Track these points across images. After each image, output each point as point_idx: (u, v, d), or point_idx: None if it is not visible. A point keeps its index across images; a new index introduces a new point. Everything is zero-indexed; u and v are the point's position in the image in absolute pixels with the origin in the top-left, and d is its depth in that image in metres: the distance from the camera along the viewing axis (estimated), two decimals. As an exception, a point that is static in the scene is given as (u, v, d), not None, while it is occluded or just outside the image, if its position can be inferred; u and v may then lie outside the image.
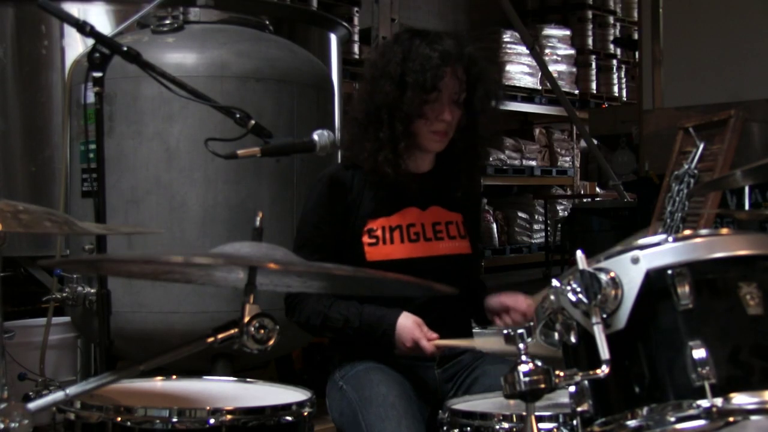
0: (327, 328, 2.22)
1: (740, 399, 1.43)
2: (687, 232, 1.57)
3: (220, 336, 1.43)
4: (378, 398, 2.12)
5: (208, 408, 1.68)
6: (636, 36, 8.07)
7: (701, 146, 4.00)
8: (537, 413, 1.53)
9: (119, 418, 1.66)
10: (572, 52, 11.51)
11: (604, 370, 1.47)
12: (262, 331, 1.42)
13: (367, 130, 2.24)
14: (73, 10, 3.92)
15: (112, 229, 1.89)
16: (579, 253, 1.52)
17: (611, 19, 12.42)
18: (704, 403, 1.43)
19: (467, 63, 2.24)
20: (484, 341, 1.98)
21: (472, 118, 2.29)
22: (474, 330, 2.46)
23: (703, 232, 1.57)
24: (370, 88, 2.25)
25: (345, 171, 2.31)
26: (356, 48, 8.67)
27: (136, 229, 2.42)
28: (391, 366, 2.23)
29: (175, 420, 1.65)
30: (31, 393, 3.19)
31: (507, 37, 10.36)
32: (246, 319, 1.42)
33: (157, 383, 1.99)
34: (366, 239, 2.25)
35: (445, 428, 1.91)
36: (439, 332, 2.17)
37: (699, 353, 1.44)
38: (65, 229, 1.50)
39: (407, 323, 2.15)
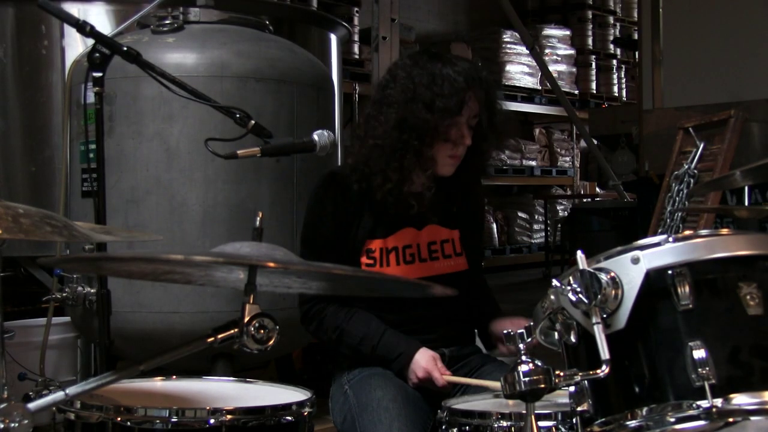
0: (343, 343, 2.24)
1: (740, 399, 1.43)
2: (687, 232, 1.57)
3: (220, 336, 1.43)
4: (373, 403, 2.13)
5: (208, 408, 1.67)
6: (636, 36, 8.07)
7: (701, 146, 4.01)
8: (536, 412, 1.53)
9: (119, 418, 1.65)
10: (572, 52, 11.51)
11: (604, 370, 1.47)
12: (262, 331, 1.42)
13: (393, 157, 2.19)
14: (73, 10, 3.92)
15: (110, 232, 1.89)
16: (579, 253, 1.52)
17: (611, 19, 12.43)
18: (704, 403, 1.43)
19: (486, 87, 2.23)
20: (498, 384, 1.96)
21: (478, 143, 2.27)
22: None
23: (703, 232, 1.57)
24: (400, 111, 2.19)
25: (351, 177, 2.27)
26: (356, 48, 8.67)
27: (134, 236, 2.42)
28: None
29: (175, 420, 1.64)
30: (31, 393, 3.19)
31: (507, 37, 10.37)
32: (246, 319, 1.42)
33: (157, 383, 1.99)
34: (364, 259, 2.26)
35: (443, 427, 1.91)
36: (440, 330, 2.19)
37: (699, 353, 1.44)
38: (65, 233, 1.50)
39: (423, 357, 2.17)
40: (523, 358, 1.52)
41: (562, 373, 1.52)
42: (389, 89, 2.24)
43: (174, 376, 2.03)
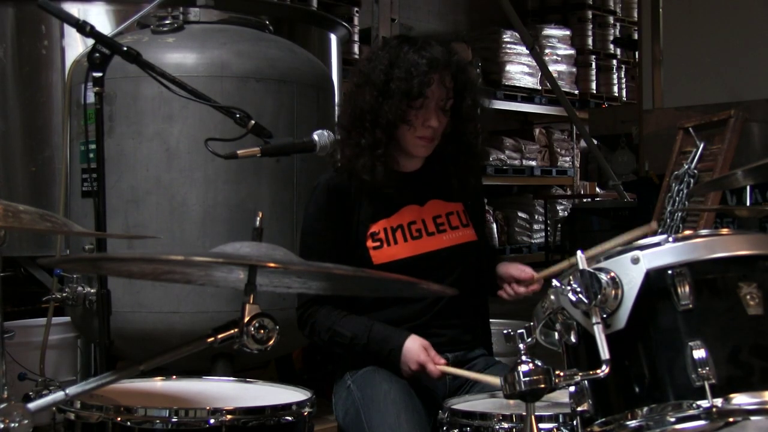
0: (335, 343, 2.23)
1: (740, 399, 1.43)
2: (687, 232, 1.57)
3: (220, 336, 1.43)
4: (379, 395, 2.13)
5: (208, 408, 1.68)
6: (636, 36, 8.07)
7: (701, 146, 4.01)
8: (537, 413, 1.53)
9: (119, 418, 1.65)
10: (572, 52, 11.51)
11: (604, 370, 1.47)
12: (262, 331, 1.42)
13: (350, 135, 2.25)
14: (73, 10, 3.91)
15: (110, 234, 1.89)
16: (579, 253, 1.52)
17: (611, 19, 12.42)
18: (704, 403, 1.43)
19: (455, 70, 2.24)
20: (494, 378, 1.95)
21: (460, 126, 2.30)
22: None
23: (703, 232, 1.57)
24: (353, 94, 2.26)
25: (340, 176, 2.30)
26: (356, 48, 8.67)
27: (132, 242, 2.42)
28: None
29: (175, 420, 1.65)
30: (31, 393, 3.19)
31: (507, 37, 10.36)
32: (246, 319, 1.42)
33: (157, 383, 1.99)
34: (370, 243, 2.25)
35: (444, 428, 1.91)
36: (452, 327, 2.19)
37: (699, 353, 1.44)
38: (65, 231, 1.50)
39: (414, 346, 2.15)
40: (523, 358, 1.52)
41: (562, 373, 1.52)
42: (353, 73, 2.32)
43: (174, 376, 2.03)
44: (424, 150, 2.28)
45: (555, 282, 1.54)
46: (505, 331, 1.58)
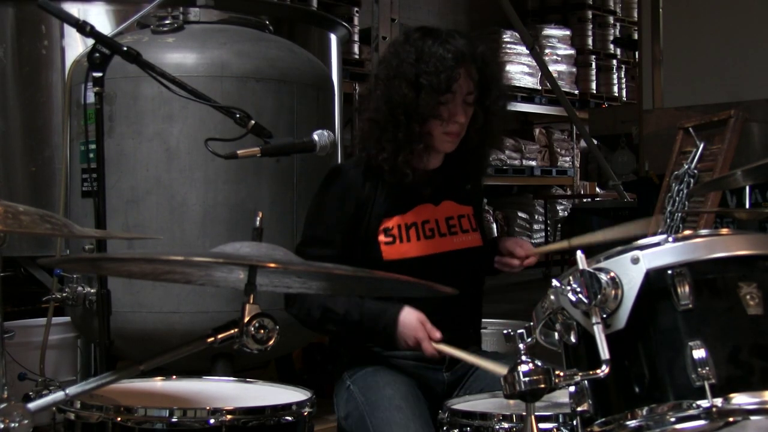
0: (327, 320, 2.20)
1: (740, 399, 1.43)
2: (687, 232, 1.57)
3: (220, 336, 1.43)
4: (384, 401, 2.11)
5: (208, 408, 1.68)
6: (636, 36, 8.07)
7: (701, 146, 4.00)
8: (537, 413, 1.53)
9: (119, 418, 1.65)
10: (572, 52, 11.51)
11: (604, 370, 1.47)
12: (262, 331, 1.42)
13: (386, 130, 2.21)
14: (73, 10, 3.91)
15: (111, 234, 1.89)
16: (579, 253, 1.52)
17: (611, 19, 12.42)
18: (704, 403, 1.43)
19: (480, 63, 2.23)
20: (487, 363, 1.95)
21: (486, 118, 2.28)
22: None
23: (703, 232, 1.57)
24: (385, 88, 2.22)
25: (356, 168, 2.29)
26: (356, 48, 8.67)
27: (132, 242, 2.42)
28: (400, 368, 2.23)
29: (175, 420, 1.65)
30: (31, 393, 3.19)
31: (507, 37, 10.36)
32: (246, 319, 1.42)
33: (157, 383, 1.99)
34: (382, 238, 2.24)
35: (445, 428, 1.91)
36: (446, 329, 2.17)
37: (699, 353, 1.44)
38: (65, 231, 1.50)
39: (410, 319, 2.13)
40: (523, 358, 1.52)
41: (562, 373, 1.52)
42: (381, 66, 2.29)
43: (174, 376, 2.03)
44: (451, 145, 2.27)
45: (555, 282, 1.54)
46: (505, 331, 1.58)
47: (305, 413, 1.76)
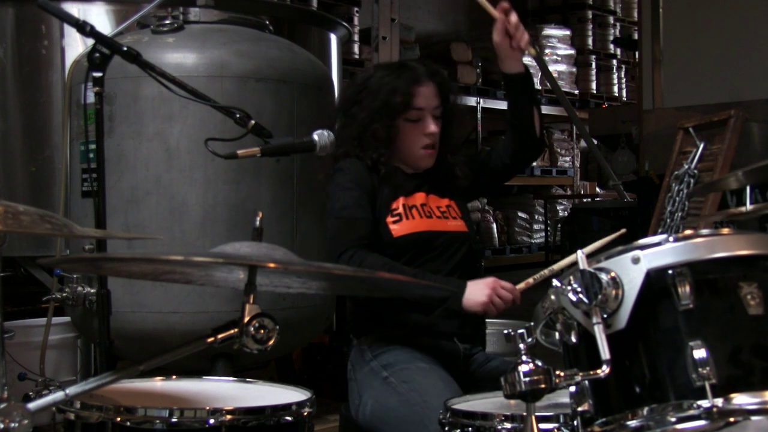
0: (392, 267, 2.25)
1: (741, 399, 1.42)
2: (687, 231, 1.57)
3: (220, 336, 1.43)
4: (413, 370, 2.23)
5: (208, 408, 1.67)
6: (636, 36, 8.07)
7: (701, 146, 4.01)
8: (537, 413, 1.53)
9: (119, 418, 1.65)
10: (572, 52, 11.52)
11: (604, 370, 1.47)
12: (262, 331, 1.42)
13: (365, 158, 2.41)
14: (73, 10, 3.91)
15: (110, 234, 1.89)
16: (579, 253, 1.52)
17: (611, 19, 12.43)
18: (705, 403, 1.43)
19: (440, 79, 2.44)
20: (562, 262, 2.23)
21: (447, 125, 2.47)
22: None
23: (704, 232, 1.57)
24: (357, 127, 2.41)
25: (364, 162, 2.41)
26: (356, 48, 8.67)
27: (132, 242, 2.42)
28: (419, 346, 2.32)
29: (175, 420, 1.64)
30: (31, 393, 3.19)
31: (507, 37, 10.34)
32: (246, 319, 1.42)
33: (157, 383, 1.99)
34: (390, 219, 2.35)
35: (446, 428, 1.90)
36: (456, 328, 2.33)
37: (699, 353, 1.44)
38: (65, 231, 1.50)
39: (480, 280, 2.24)
40: (524, 358, 1.52)
41: (562, 373, 1.52)
42: (343, 105, 2.55)
43: (174, 376, 2.03)
44: (431, 159, 2.45)
45: (555, 282, 1.54)
46: (505, 331, 1.58)
47: (305, 413, 1.76)
